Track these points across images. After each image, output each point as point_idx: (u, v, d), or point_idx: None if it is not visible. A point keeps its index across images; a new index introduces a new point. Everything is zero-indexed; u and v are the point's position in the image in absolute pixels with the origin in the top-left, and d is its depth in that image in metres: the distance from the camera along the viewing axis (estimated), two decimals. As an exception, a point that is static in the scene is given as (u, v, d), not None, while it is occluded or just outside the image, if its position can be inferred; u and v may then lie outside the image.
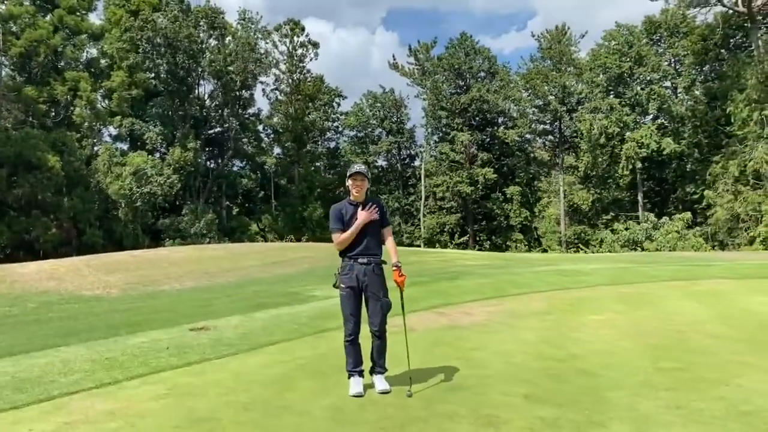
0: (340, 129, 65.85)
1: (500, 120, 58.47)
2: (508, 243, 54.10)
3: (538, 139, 59.04)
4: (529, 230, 55.33)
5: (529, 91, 55.62)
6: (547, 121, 56.01)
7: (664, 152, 44.93)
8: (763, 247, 32.87)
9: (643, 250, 32.85)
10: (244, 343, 8.01)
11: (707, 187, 39.81)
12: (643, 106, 47.02)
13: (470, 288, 11.89)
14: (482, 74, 57.50)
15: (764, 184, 34.57)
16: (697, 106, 45.14)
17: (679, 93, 48.10)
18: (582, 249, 40.46)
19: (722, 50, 45.71)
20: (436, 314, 9.51)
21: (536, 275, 13.35)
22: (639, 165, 44.92)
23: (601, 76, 49.09)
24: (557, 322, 8.92)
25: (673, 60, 49.83)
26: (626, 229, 38.80)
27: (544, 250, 48.81)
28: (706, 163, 44.14)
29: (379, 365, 5.93)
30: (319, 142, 64.80)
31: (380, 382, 5.83)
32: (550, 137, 57.63)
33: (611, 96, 48.08)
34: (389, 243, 6.07)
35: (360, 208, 5.88)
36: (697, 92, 45.04)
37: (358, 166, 5.98)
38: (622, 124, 45.97)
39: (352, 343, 5.88)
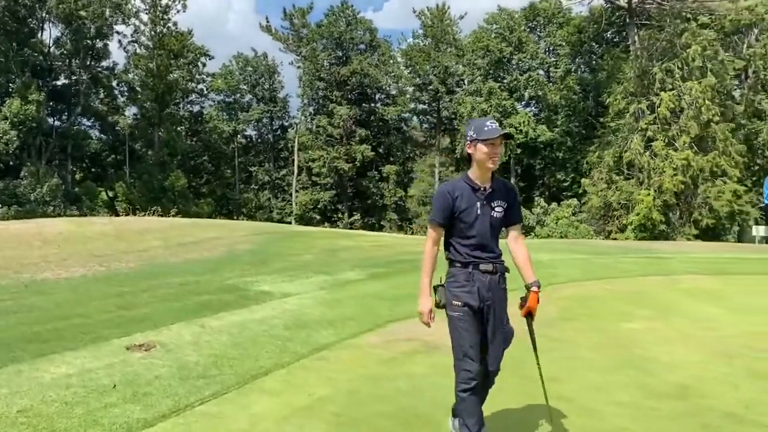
0: (206, 92, 60.56)
1: (378, 96, 56.87)
2: (382, 222, 53.15)
3: (416, 118, 58.40)
4: (403, 210, 54.81)
5: (410, 68, 54.64)
6: (426, 101, 55.42)
7: (539, 139, 46.15)
8: (634, 236, 34.58)
9: (535, 236, 33.25)
10: (224, 373, 5.59)
11: (581, 175, 41.34)
12: (520, 92, 47.87)
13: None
14: (363, 46, 55.45)
15: (636, 174, 36.33)
16: (570, 96, 46.77)
17: (554, 81, 49.60)
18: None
19: (594, 43, 47.69)
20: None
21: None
22: (517, 151, 45.75)
23: (480, 60, 49.20)
24: (596, 332, 7.45)
25: (548, 49, 51.28)
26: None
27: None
28: (575, 152, 45.98)
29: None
30: (181, 105, 59.03)
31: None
32: (428, 117, 57.18)
33: (490, 80, 48.33)
34: (521, 251, 4.03)
35: (482, 192, 3.82)
36: (571, 82, 46.58)
37: (494, 123, 3.78)
38: (501, 109, 46.45)
39: (475, 393, 3.84)
